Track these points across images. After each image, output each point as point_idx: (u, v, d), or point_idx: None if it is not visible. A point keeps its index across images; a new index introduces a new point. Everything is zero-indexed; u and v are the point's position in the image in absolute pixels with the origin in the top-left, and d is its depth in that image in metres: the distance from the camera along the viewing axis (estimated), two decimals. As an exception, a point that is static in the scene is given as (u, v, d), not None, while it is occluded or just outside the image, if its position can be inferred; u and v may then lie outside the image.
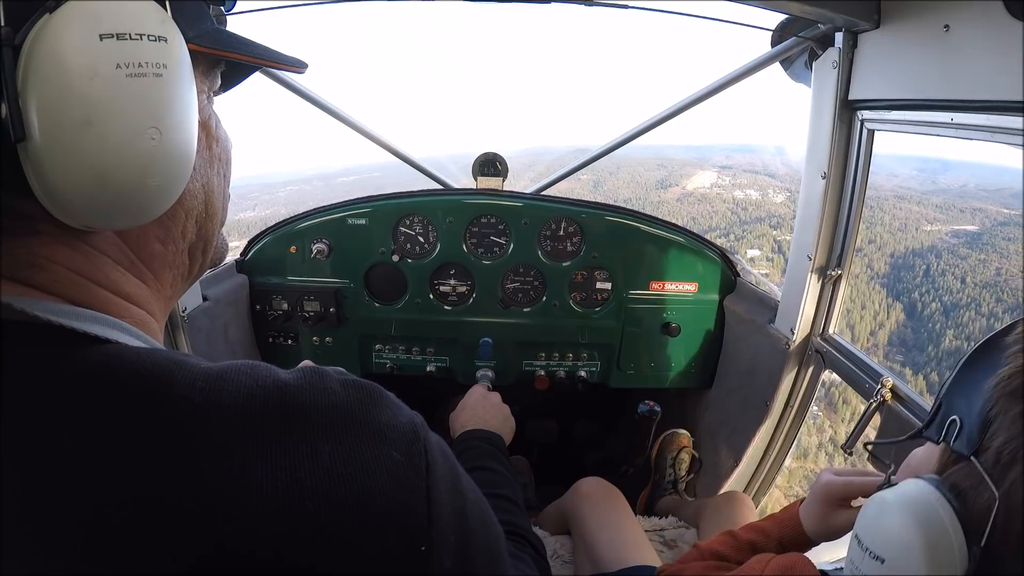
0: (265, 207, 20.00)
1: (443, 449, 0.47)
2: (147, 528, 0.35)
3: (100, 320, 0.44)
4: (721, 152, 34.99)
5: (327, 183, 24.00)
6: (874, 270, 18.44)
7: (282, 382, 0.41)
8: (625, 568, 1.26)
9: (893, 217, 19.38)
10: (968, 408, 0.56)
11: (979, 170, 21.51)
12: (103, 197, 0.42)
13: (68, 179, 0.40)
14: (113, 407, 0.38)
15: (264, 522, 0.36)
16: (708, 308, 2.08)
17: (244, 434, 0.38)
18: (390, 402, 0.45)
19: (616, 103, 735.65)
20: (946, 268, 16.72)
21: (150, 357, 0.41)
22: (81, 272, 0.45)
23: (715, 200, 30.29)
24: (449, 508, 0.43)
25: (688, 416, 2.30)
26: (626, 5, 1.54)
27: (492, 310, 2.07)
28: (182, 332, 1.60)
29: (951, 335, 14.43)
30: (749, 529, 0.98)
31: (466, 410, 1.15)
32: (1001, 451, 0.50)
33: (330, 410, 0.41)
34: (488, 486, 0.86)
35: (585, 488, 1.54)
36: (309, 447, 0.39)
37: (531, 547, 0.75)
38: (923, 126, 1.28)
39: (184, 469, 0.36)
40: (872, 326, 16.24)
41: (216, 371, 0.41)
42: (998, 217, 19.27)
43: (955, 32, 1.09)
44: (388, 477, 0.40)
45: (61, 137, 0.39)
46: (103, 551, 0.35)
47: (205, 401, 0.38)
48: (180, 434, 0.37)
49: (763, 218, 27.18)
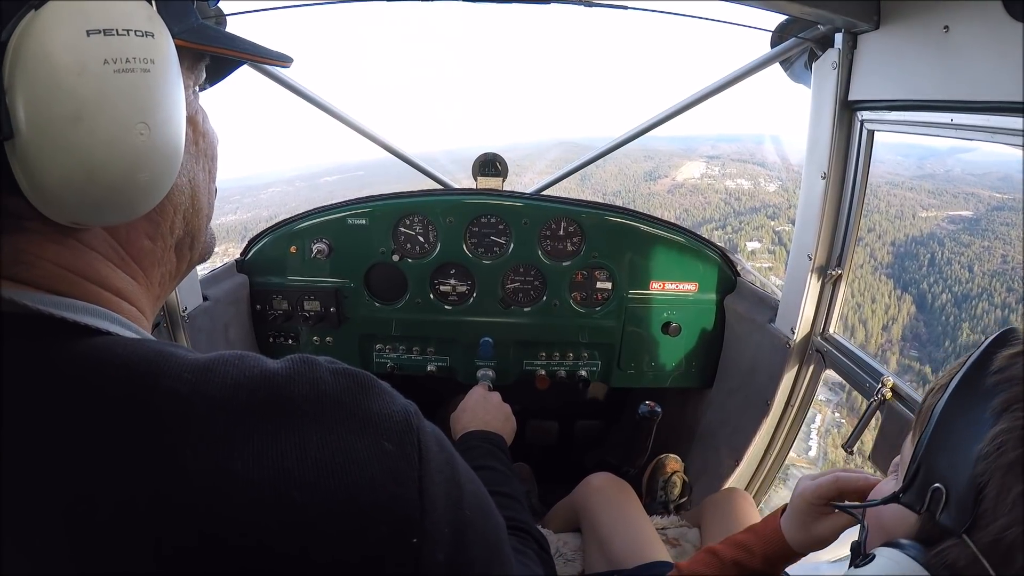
0: (247, 210, 19.70)
1: (439, 438, 0.46)
2: (131, 519, 0.35)
3: (92, 311, 0.43)
4: (706, 142, 34.62)
5: (310, 184, 23.84)
6: (878, 260, 18.36)
7: (270, 371, 0.41)
8: (643, 564, 1.26)
9: (888, 204, 19.29)
10: (953, 473, 0.50)
11: (963, 155, 21.49)
12: (92, 193, 0.42)
13: (57, 175, 0.40)
14: (99, 399, 0.38)
15: (250, 513, 0.35)
16: (708, 308, 2.08)
17: (230, 424, 0.37)
18: (382, 391, 0.44)
19: (616, 103, 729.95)
20: (951, 256, 16.54)
21: (139, 348, 0.41)
22: (71, 268, 0.45)
23: (707, 191, 30.00)
24: (444, 499, 0.42)
25: (688, 416, 2.31)
26: (626, 6, 1.54)
27: (492, 310, 2.07)
28: (182, 332, 1.60)
29: (967, 328, 14.20)
30: (731, 546, 0.93)
31: (467, 411, 1.15)
32: (1000, 538, 0.45)
33: (319, 399, 0.40)
34: (490, 484, 0.87)
35: (596, 483, 1.54)
36: (297, 437, 0.38)
37: (535, 543, 0.75)
38: (923, 127, 1.28)
39: (168, 460, 0.36)
40: (884, 320, 16.05)
41: (204, 362, 0.40)
42: (991, 201, 19.14)
43: (955, 33, 1.09)
44: (379, 468, 0.39)
45: (50, 133, 0.39)
46: (87, 543, 0.35)
47: (191, 392, 0.38)
48: (165, 425, 0.37)
49: (758, 208, 26.92)
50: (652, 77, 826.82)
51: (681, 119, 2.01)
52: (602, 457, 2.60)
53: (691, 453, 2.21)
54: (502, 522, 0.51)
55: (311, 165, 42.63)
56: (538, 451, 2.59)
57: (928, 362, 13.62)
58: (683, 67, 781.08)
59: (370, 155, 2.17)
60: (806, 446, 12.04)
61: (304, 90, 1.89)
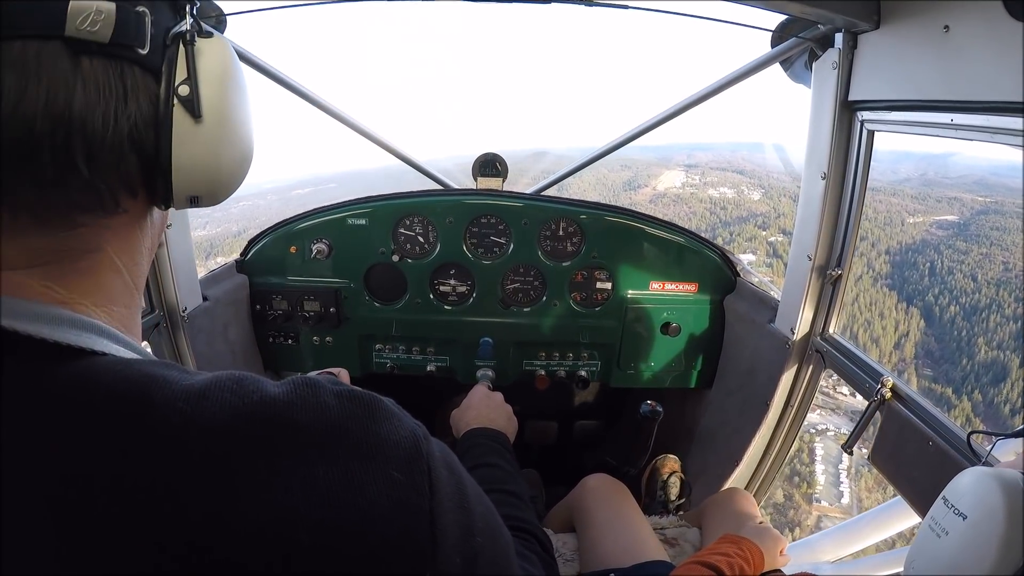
0: (216, 224, 19.29)
1: (447, 461, 0.44)
2: (126, 564, 0.34)
3: (77, 323, 0.41)
4: (682, 151, 34.41)
5: (282, 197, 23.84)
6: (876, 270, 18.26)
7: (270, 397, 0.39)
8: (640, 563, 1.26)
9: (875, 211, 19.24)
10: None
11: (935, 159, 21.42)
12: (240, 176, 0.51)
13: (227, 157, 0.48)
14: (87, 435, 0.36)
15: (253, 556, 0.34)
16: (708, 308, 2.08)
17: (229, 459, 0.36)
18: (389, 413, 0.42)
19: (616, 103, 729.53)
20: (952, 265, 16.42)
21: (127, 373, 0.39)
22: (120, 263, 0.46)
23: (691, 200, 29.60)
24: (455, 528, 0.40)
25: (688, 416, 2.31)
26: (626, 5, 1.54)
27: (492, 310, 2.07)
28: (182, 332, 1.60)
29: (982, 343, 14.04)
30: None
31: (471, 409, 1.15)
32: None
33: (323, 427, 0.38)
34: (493, 482, 0.86)
35: (592, 483, 1.54)
36: (302, 471, 0.36)
37: (537, 543, 0.74)
38: (923, 127, 1.28)
39: (164, 501, 0.34)
40: (894, 338, 15.91)
41: (198, 388, 0.38)
42: (974, 206, 19.10)
43: (955, 33, 1.09)
44: (388, 500, 0.37)
45: (226, 120, 0.47)
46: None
47: (186, 423, 0.36)
48: (158, 463, 0.35)
49: (745, 218, 26.77)
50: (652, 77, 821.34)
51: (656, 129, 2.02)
52: (601, 457, 2.60)
53: (691, 453, 2.20)
54: (510, 539, 0.50)
55: (285, 178, 42.63)
56: (538, 451, 2.59)
57: (942, 381, 13.37)
58: (683, 68, 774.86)
59: (341, 167, 2.14)
60: (838, 492, 11.57)
61: (304, 89, 1.90)
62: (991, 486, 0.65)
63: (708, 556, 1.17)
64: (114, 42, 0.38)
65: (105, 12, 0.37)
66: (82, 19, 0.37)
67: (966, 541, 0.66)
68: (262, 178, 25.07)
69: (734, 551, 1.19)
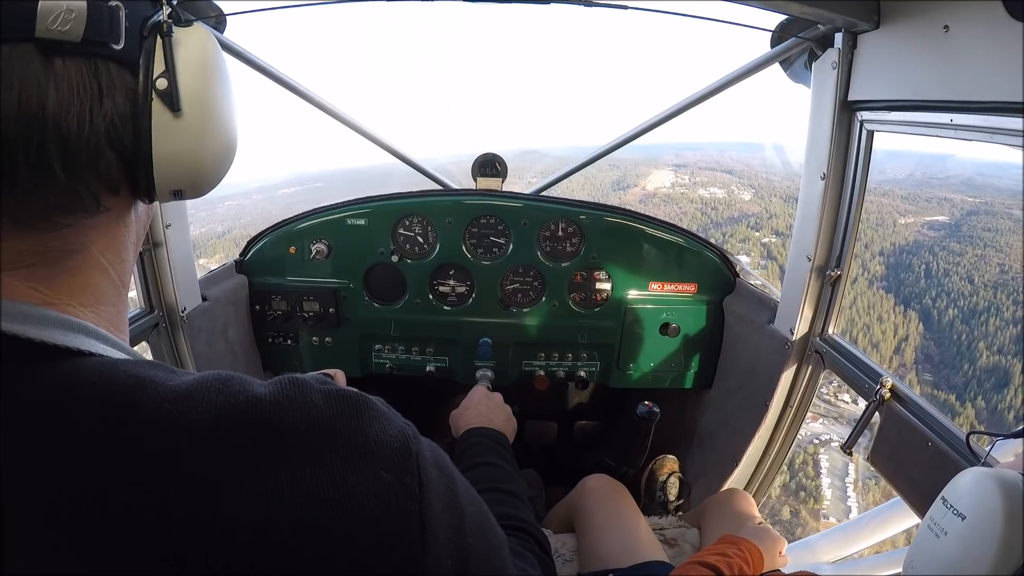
0: (201, 224, 19.12)
1: (438, 460, 0.43)
2: (114, 565, 0.33)
3: (64, 324, 0.41)
4: (670, 151, 34.24)
5: (268, 196, 23.73)
6: (871, 272, 18.23)
7: (256, 397, 0.38)
8: (639, 564, 1.27)
9: (867, 212, 19.26)
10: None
11: (922, 159, 21.38)
12: (224, 167, 0.51)
13: (210, 148, 0.48)
14: (73, 437, 0.35)
15: (240, 558, 0.34)
16: (707, 309, 2.08)
17: (215, 461, 0.35)
18: (378, 413, 0.41)
19: (615, 103, 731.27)
20: (948, 268, 16.38)
21: (113, 374, 0.38)
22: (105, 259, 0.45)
23: (681, 200, 29.46)
24: (446, 530, 0.40)
25: (687, 417, 2.31)
26: (626, 6, 1.54)
27: (492, 310, 2.07)
28: (181, 332, 1.60)
29: (983, 347, 13.96)
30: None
31: (470, 409, 1.15)
32: None
33: (310, 427, 0.38)
34: (491, 481, 0.86)
35: (592, 484, 1.54)
36: (288, 472, 0.36)
37: (535, 542, 0.74)
38: (922, 127, 1.28)
39: (149, 503, 0.34)
40: (894, 342, 15.85)
41: (185, 388, 0.38)
42: (964, 206, 19.08)
43: (955, 33, 1.09)
44: (376, 501, 0.37)
45: (207, 112, 0.47)
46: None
47: (172, 425, 0.36)
48: (144, 466, 0.35)
49: (737, 218, 26.62)
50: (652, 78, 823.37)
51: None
52: (601, 458, 2.60)
53: (690, 454, 2.20)
54: (504, 539, 0.49)
55: (272, 176, 42.48)
56: (537, 451, 2.58)
57: (944, 387, 13.28)
58: (683, 68, 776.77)
59: (327, 166, 2.14)
60: (845, 507, 11.62)
61: (300, 87, 1.89)
62: (990, 487, 0.65)
63: (707, 556, 1.17)
64: (87, 39, 0.38)
65: (76, 10, 0.36)
66: (52, 19, 0.36)
67: (965, 542, 0.67)
68: (247, 177, 24.88)
69: (733, 551, 1.19)
